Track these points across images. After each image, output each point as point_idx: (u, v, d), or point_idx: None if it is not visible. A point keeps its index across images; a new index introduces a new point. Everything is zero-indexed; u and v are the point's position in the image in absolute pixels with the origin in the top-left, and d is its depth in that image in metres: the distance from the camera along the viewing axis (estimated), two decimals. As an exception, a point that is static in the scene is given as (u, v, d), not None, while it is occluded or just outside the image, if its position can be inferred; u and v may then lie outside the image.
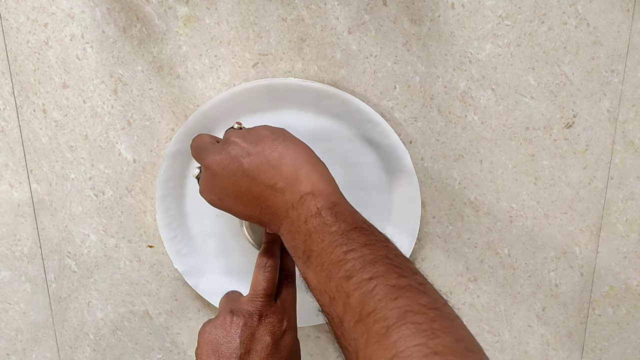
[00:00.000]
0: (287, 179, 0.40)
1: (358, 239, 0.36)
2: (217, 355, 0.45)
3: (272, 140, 0.43)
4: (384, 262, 0.34)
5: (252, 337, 0.45)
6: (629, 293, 0.59)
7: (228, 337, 0.45)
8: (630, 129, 0.53)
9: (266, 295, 0.47)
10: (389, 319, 0.30)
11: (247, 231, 0.52)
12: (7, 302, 0.64)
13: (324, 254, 0.36)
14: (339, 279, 0.34)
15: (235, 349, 0.44)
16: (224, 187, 0.43)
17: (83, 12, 0.52)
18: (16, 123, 0.57)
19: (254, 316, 0.46)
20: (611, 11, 0.50)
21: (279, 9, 0.51)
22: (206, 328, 0.47)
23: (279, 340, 0.46)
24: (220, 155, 0.43)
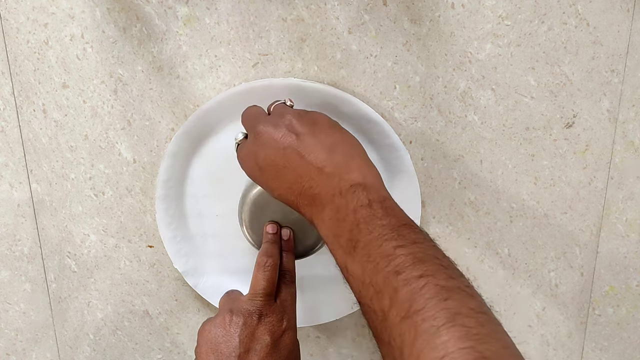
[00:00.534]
0: (337, 166, 0.40)
1: (408, 235, 0.35)
2: (217, 354, 0.45)
3: (328, 126, 0.43)
4: (433, 262, 0.33)
5: (252, 336, 0.45)
6: (629, 293, 0.59)
7: (227, 336, 0.45)
8: (630, 129, 0.53)
9: (266, 294, 0.47)
10: (439, 318, 0.30)
11: (247, 231, 0.52)
12: (7, 302, 0.64)
13: (372, 245, 0.35)
14: (388, 272, 0.33)
15: (234, 348, 0.45)
16: (269, 158, 0.42)
17: (83, 12, 0.52)
18: (16, 123, 0.57)
19: (254, 315, 0.46)
20: (611, 11, 0.50)
21: (279, 9, 0.51)
22: (206, 327, 0.47)
23: (278, 340, 0.46)
24: (274, 126, 0.43)
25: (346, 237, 0.37)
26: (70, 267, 0.62)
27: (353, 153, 0.41)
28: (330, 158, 0.40)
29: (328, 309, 0.59)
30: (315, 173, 0.40)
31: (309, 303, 0.59)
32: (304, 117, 0.43)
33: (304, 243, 0.52)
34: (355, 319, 0.61)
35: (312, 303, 0.59)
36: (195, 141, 0.54)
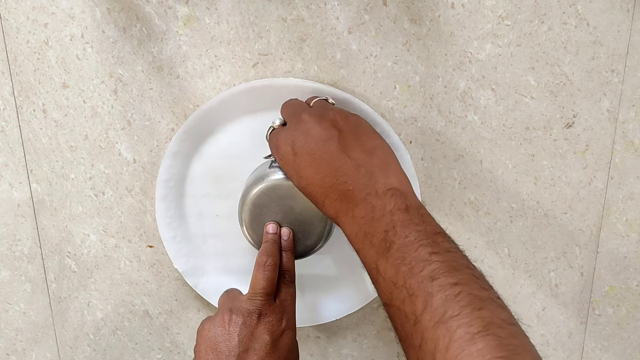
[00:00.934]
0: (375, 167, 0.41)
1: (442, 243, 0.36)
2: (216, 353, 0.45)
3: (369, 131, 0.44)
4: (466, 272, 0.34)
5: (251, 335, 0.45)
6: (629, 293, 0.59)
7: (227, 335, 0.45)
8: (630, 129, 0.53)
9: (265, 294, 0.47)
10: (474, 326, 0.30)
11: (247, 231, 0.52)
12: (7, 302, 0.64)
13: (407, 249, 0.36)
14: (422, 277, 0.34)
15: (233, 347, 0.44)
16: (307, 146, 0.42)
17: (83, 12, 0.52)
18: (16, 123, 0.57)
19: (253, 315, 0.46)
20: (611, 11, 0.50)
21: (279, 9, 0.51)
22: (205, 326, 0.47)
23: (277, 340, 0.46)
24: (319, 117, 0.43)
25: (380, 237, 0.37)
26: (70, 267, 0.62)
27: (389, 160, 0.42)
28: (369, 159, 0.41)
29: (328, 309, 0.59)
30: (352, 170, 0.41)
31: (309, 303, 0.59)
32: (348, 116, 0.44)
33: (304, 243, 0.52)
34: (355, 319, 0.61)
35: (312, 303, 0.59)
36: (195, 141, 0.54)
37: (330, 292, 0.59)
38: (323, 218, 0.51)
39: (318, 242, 0.52)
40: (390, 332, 0.62)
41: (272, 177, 0.50)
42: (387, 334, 0.62)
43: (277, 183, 0.50)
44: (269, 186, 0.50)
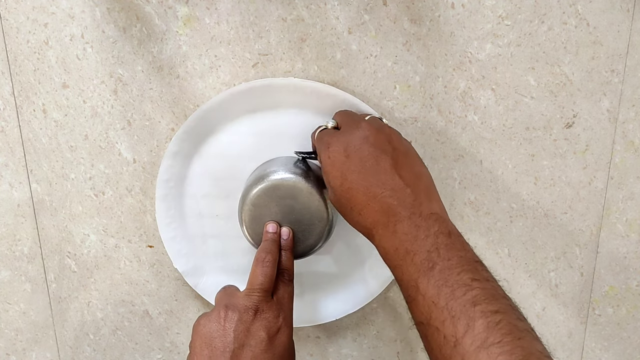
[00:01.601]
0: (421, 191, 0.42)
1: (482, 272, 0.38)
2: (211, 349, 0.44)
3: (418, 157, 0.46)
4: (504, 301, 0.36)
5: (247, 331, 0.45)
6: (629, 293, 0.59)
7: (222, 331, 0.45)
8: (630, 129, 0.53)
9: (263, 290, 0.47)
10: (515, 355, 0.32)
11: (247, 231, 0.52)
12: (7, 302, 0.64)
13: (450, 272, 0.37)
14: (465, 301, 0.35)
15: (228, 343, 0.44)
16: (362, 151, 0.43)
17: (83, 12, 0.52)
18: (16, 123, 0.57)
19: (250, 311, 0.46)
20: (611, 11, 0.50)
21: (279, 9, 0.51)
22: (201, 321, 0.46)
23: (273, 337, 0.46)
24: (377, 130, 0.44)
25: (423, 257, 0.38)
26: (70, 267, 0.62)
27: (433, 188, 0.44)
28: (416, 182, 0.43)
29: (328, 309, 0.59)
30: (399, 187, 0.42)
31: (309, 303, 0.59)
32: (401, 139, 0.46)
33: (304, 243, 0.52)
34: (355, 319, 0.61)
35: (312, 303, 0.59)
36: (195, 141, 0.54)
37: (330, 292, 0.59)
38: (323, 218, 0.51)
39: (318, 242, 0.52)
40: (390, 332, 0.62)
41: (272, 177, 0.50)
42: (387, 334, 0.62)
43: (277, 183, 0.50)
44: (269, 186, 0.50)
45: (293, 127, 0.53)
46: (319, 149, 0.47)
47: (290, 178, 0.50)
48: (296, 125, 0.53)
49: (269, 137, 0.54)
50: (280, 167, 0.51)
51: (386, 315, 0.61)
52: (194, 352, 0.45)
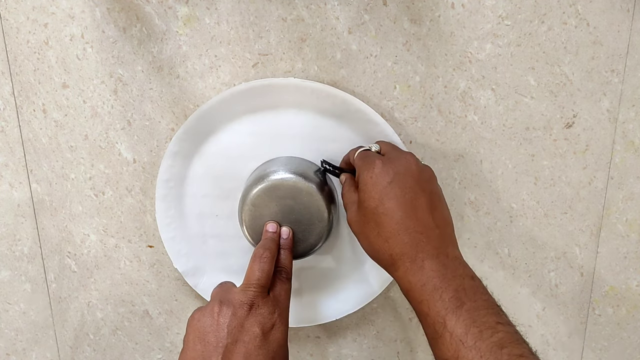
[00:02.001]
0: (447, 235, 0.45)
1: (504, 316, 0.40)
2: (204, 344, 0.44)
3: (446, 203, 0.47)
4: (526, 345, 0.39)
5: (241, 327, 0.44)
6: (629, 293, 0.59)
7: (215, 326, 0.44)
8: (630, 129, 0.53)
9: (259, 285, 0.46)
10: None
11: (247, 231, 0.52)
12: (7, 302, 0.64)
13: (476, 312, 0.39)
14: (492, 343, 0.37)
15: (222, 338, 0.44)
16: (405, 182, 0.45)
17: (83, 12, 0.52)
18: (16, 123, 0.57)
19: (245, 306, 0.45)
20: (611, 11, 0.50)
21: (279, 9, 0.51)
22: (195, 315, 0.46)
23: (268, 333, 0.45)
24: (422, 166, 0.47)
25: (451, 295, 0.40)
26: (70, 267, 0.62)
27: (454, 234, 0.46)
28: (444, 226, 0.45)
29: (328, 309, 0.59)
30: (430, 226, 0.44)
31: (309, 303, 0.59)
32: (437, 182, 0.48)
33: (304, 243, 0.52)
34: (355, 319, 0.61)
35: (312, 303, 0.59)
36: (196, 141, 0.54)
37: (330, 292, 0.59)
38: (323, 218, 0.51)
39: (318, 242, 0.52)
40: (390, 332, 0.62)
41: (272, 177, 0.50)
42: (387, 334, 0.62)
43: (277, 183, 0.50)
44: (269, 186, 0.50)
45: (293, 127, 0.54)
46: (361, 167, 0.47)
47: (290, 178, 0.50)
48: (296, 125, 0.53)
49: (269, 137, 0.54)
50: (280, 167, 0.51)
51: (386, 315, 0.61)
52: (187, 346, 0.45)
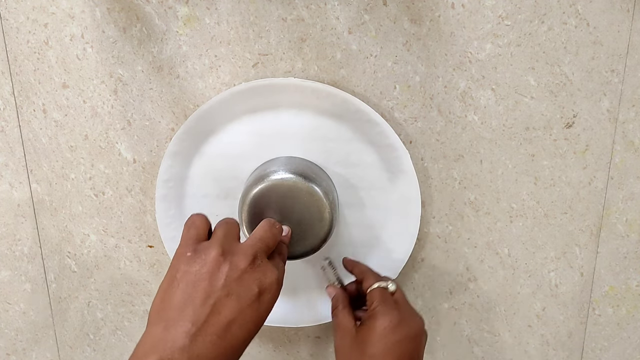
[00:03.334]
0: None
1: None
2: (194, 289, 0.41)
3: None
4: None
5: (239, 280, 0.42)
6: (629, 293, 0.59)
7: (212, 273, 0.41)
8: (630, 129, 0.53)
9: (266, 246, 0.45)
10: None
11: (247, 231, 0.52)
12: (7, 302, 0.64)
13: None
14: None
15: (216, 288, 0.41)
16: (408, 349, 0.47)
17: (83, 12, 0.52)
18: (16, 123, 0.57)
19: (249, 258, 0.43)
20: (611, 11, 0.50)
21: (279, 9, 0.51)
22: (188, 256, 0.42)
23: (263, 293, 0.43)
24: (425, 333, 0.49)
25: None
26: (70, 267, 0.62)
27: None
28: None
29: (328, 309, 0.59)
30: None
31: (309, 303, 0.59)
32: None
33: (304, 243, 0.52)
34: (355, 319, 0.61)
35: (312, 303, 0.59)
36: (196, 141, 0.54)
37: (330, 292, 0.59)
38: (323, 218, 0.51)
39: (318, 242, 0.52)
40: (390, 332, 0.62)
41: (272, 177, 0.50)
42: (387, 334, 0.62)
43: (277, 183, 0.50)
44: (269, 186, 0.50)
45: (293, 127, 0.54)
46: (377, 310, 0.48)
47: (290, 178, 0.50)
48: (296, 125, 0.53)
49: (269, 137, 0.54)
50: (280, 167, 0.51)
51: (386, 315, 0.61)
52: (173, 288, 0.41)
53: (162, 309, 0.41)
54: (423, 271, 0.59)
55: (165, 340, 0.39)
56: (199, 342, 0.39)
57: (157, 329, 0.40)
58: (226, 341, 0.40)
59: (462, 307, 0.60)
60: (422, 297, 0.60)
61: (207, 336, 0.40)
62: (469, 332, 0.61)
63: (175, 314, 0.40)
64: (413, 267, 0.59)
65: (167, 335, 0.39)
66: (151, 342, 0.39)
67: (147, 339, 0.40)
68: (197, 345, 0.39)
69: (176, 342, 0.39)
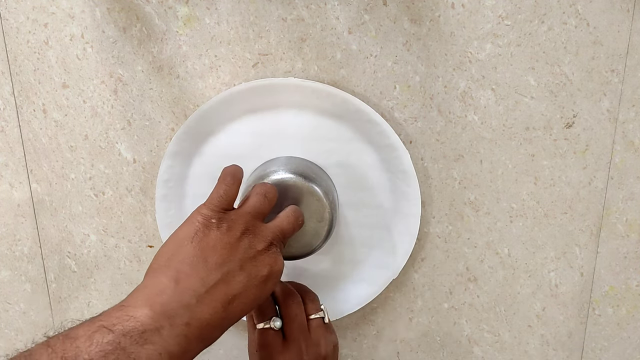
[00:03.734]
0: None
1: None
2: (205, 264, 0.40)
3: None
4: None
5: (254, 259, 0.42)
6: (629, 293, 0.59)
7: (231, 246, 0.41)
8: (630, 129, 0.53)
9: (284, 237, 0.45)
10: None
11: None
12: (7, 302, 0.64)
13: None
14: None
15: (231, 259, 0.41)
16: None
17: (83, 12, 0.52)
18: (16, 123, 0.57)
19: (266, 242, 0.43)
20: (611, 11, 0.50)
21: (279, 9, 0.51)
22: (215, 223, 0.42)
23: (270, 278, 0.43)
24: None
25: None
26: (70, 267, 0.62)
27: None
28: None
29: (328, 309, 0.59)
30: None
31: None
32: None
33: (304, 243, 0.52)
34: (355, 319, 0.61)
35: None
36: (196, 141, 0.54)
37: (330, 292, 0.59)
38: (323, 218, 0.51)
39: (318, 242, 0.52)
40: (390, 332, 0.62)
41: (272, 177, 0.50)
42: (387, 334, 0.62)
43: (277, 183, 0.50)
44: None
45: (293, 127, 0.54)
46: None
47: (290, 178, 0.50)
48: (296, 125, 0.53)
49: (269, 137, 0.54)
50: (280, 167, 0.51)
51: (386, 315, 0.61)
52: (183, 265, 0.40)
53: (173, 258, 0.41)
54: (423, 271, 0.59)
55: (171, 294, 0.38)
56: (204, 305, 0.39)
57: (165, 278, 0.40)
58: (225, 312, 0.40)
59: (462, 307, 0.60)
60: (422, 297, 0.60)
61: (212, 302, 0.39)
62: (469, 332, 0.61)
63: (187, 267, 0.40)
64: (413, 267, 0.59)
65: (175, 289, 0.39)
66: (156, 289, 0.39)
67: (153, 285, 0.40)
68: (201, 307, 0.39)
69: (182, 299, 0.38)
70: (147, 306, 0.37)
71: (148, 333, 0.36)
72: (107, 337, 0.35)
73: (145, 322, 0.37)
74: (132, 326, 0.36)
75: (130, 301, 0.38)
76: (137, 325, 0.36)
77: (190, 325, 0.38)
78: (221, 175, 0.46)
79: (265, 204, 0.46)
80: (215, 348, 0.64)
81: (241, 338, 0.63)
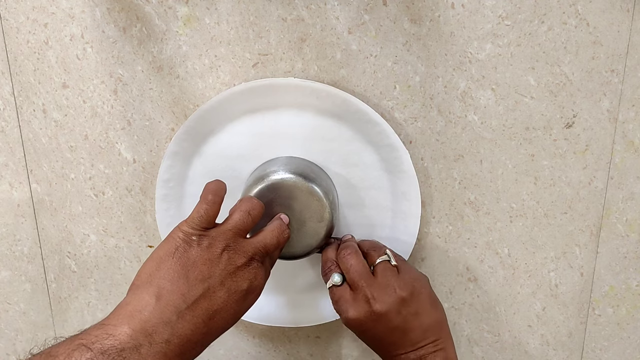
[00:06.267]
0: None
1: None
2: (186, 279, 0.41)
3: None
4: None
5: (233, 275, 0.43)
6: (629, 293, 0.59)
7: (212, 261, 0.42)
8: (630, 129, 0.53)
9: (266, 252, 0.46)
10: None
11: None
12: (7, 302, 0.64)
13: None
14: None
15: (212, 274, 0.42)
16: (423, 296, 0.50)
17: (83, 12, 0.52)
18: (16, 123, 0.57)
19: (247, 256, 0.44)
20: (611, 11, 0.50)
21: (279, 9, 0.51)
22: (196, 240, 0.43)
23: (250, 293, 0.44)
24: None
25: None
26: (70, 267, 0.62)
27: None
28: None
29: (328, 309, 0.59)
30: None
31: (309, 303, 0.59)
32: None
33: (304, 243, 0.52)
34: (355, 319, 0.61)
35: (312, 303, 0.59)
36: (196, 141, 0.54)
37: (330, 292, 0.59)
38: (323, 218, 0.51)
39: (318, 242, 0.52)
40: (390, 332, 0.62)
41: (272, 177, 0.50)
42: (387, 334, 0.62)
43: (277, 183, 0.50)
44: (269, 186, 0.50)
45: (293, 127, 0.54)
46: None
47: (290, 178, 0.50)
48: (296, 125, 0.53)
49: (269, 137, 0.54)
50: (280, 167, 0.51)
51: (386, 315, 0.61)
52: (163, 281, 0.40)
53: (154, 275, 0.41)
54: (423, 271, 0.59)
55: (152, 310, 0.39)
56: (185, 321, 0.40)
57: (146, 295, 0.40)
58: (207, 328, 0.41)
59: (462, 307, 0.60)
60: (422, 297, 0.60)
61: (194, 318, 0.40)
62: (469, 332, 0.61)
63: (168, 284, 0.40)
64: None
65: (156, 305, 0.39)
66: (138, 306, 0.39)
67: (135, 302, 0.40)
68: (182, 324, 0.39)
69: (163, 315, 0.39)
70: (127, 324, 0.38)
71: (127, 351, 0.37)
72: (86, 355, 0.35)
73: (124, 340, 0.37)
74: (111, 344, 0.37)
75: (111, 319, 0.39)
76: (116, 343, 0.37)
77: (170, 342, 0.39)
78: (203, 192, 0.46)
79: (248, 222, 0.46)
80: (216, 348, 0.64)
81: (241, 338, 0.63)
